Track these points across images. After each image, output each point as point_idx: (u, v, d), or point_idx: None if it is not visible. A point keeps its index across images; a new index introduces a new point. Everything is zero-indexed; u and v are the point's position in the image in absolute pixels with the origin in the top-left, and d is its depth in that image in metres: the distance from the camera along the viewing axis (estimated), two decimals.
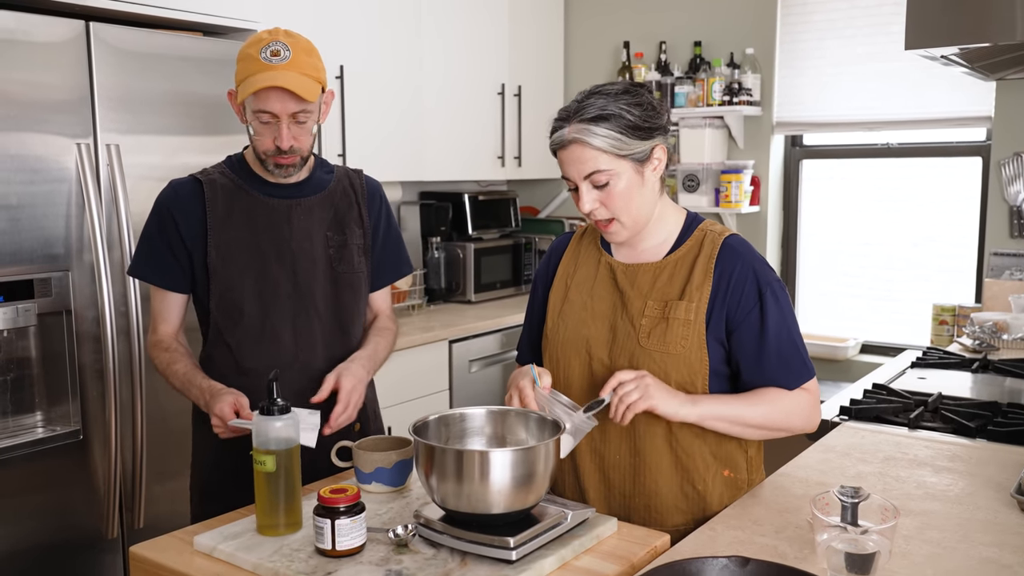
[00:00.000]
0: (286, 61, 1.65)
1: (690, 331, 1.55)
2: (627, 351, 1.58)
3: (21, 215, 2.26)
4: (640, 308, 1.59)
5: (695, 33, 3.97)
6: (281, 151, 1.71)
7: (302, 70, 1.67)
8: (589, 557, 1.36)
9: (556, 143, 1.54)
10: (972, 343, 3.01)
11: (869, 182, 3.78)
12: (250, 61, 1.67)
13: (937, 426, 2.06)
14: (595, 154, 1.50)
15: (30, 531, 2.31)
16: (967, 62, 2.60)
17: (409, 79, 3.55)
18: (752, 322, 1.55)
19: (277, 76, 1.64)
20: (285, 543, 1.39)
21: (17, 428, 2.32)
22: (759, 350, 1.55)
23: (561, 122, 1.54)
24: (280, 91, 1.65)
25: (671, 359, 1.55)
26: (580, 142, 1.50)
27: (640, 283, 1.61)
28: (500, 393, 3.67)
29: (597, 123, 1.49)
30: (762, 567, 1.14)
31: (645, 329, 1.57)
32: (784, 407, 1.56)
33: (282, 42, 1.67)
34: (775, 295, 1.56)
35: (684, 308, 1.55)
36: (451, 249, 3.90)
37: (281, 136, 1.70)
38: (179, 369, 1.78)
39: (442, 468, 1.33)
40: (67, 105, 2.33)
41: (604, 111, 1.50)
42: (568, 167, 1.54)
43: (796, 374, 1.57)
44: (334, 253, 1.84)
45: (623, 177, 1.52)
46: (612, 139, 1.49)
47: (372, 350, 1.88)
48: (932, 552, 1.34)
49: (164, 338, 1.83)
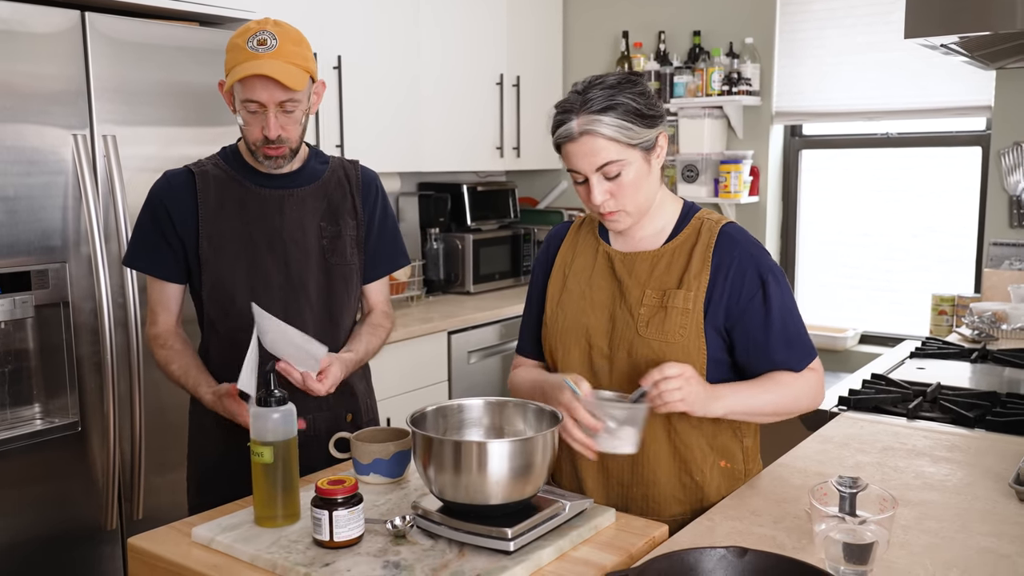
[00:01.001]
0: (272, 50, 1.65)
1: (688, 320, 1.54)
2: (626, 340, 1.58)
3: (18, 207, 2.25)
4: (638, 297, 1.58)
5: (694, 23, 3.95)
6: (269, 141, 1.71)
7: (288, 59, 1.67)
8: (587, 548, 1.36)
9: (563, 137, 1.51)
10: (971, 333, 3.00)
11: (868, 172, 3.77)
12: (237, 51, 1.67)
13: (936, 416, 2.06)
14: (606, 144, 1.48)
15: (29, 523, 2.31)
16: (967, 51, 2.59)
17: (407, 69, 3.54)
18: (756, 308, 1.55)
19: (263, 64, 1.64)
20: (283, 534, 1.39)
21: (15, 420, 2.32)
22: (766, 335, 1.56)
23: (566, 115, 1.51)
24: (266, 80, 1.65)
25: (669, 348, 1.54)
26: (591, 133, 1.48)
27: (638, 272, 1.60)
28: (499, 384, 3.67)
29: (606, 113, 1.47)
30: (760, 557, 1.14)
31: (644, 318, 1.57)
32: (795, 391, 1.57)
33: (269, 31, 1.67)
34: (776, 280, 1.57)
35: (683, 297, 1.55)
36: (450, 240, 3.89)
37: (268, 125, 1.69)
38: (175, 369, 1.78)
39: (440, 459, 1.33)
40: (63, 96, 2.32)
41: (611, 101, 1.48)
42: (578, 160, 1.51)
43: (802, 356, 1.59)
44: (327, 244, 1.84)
45: (633, 166, 1.51)
46: (622, 128, 1.48)
47: (363, 353, 1.87)
48: (930, 542, 1.34)
49: (163, 332, 1.82)
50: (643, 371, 1.53)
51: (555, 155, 1.57)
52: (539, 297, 1.73)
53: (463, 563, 1.28)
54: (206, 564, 1.34)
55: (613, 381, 1.59)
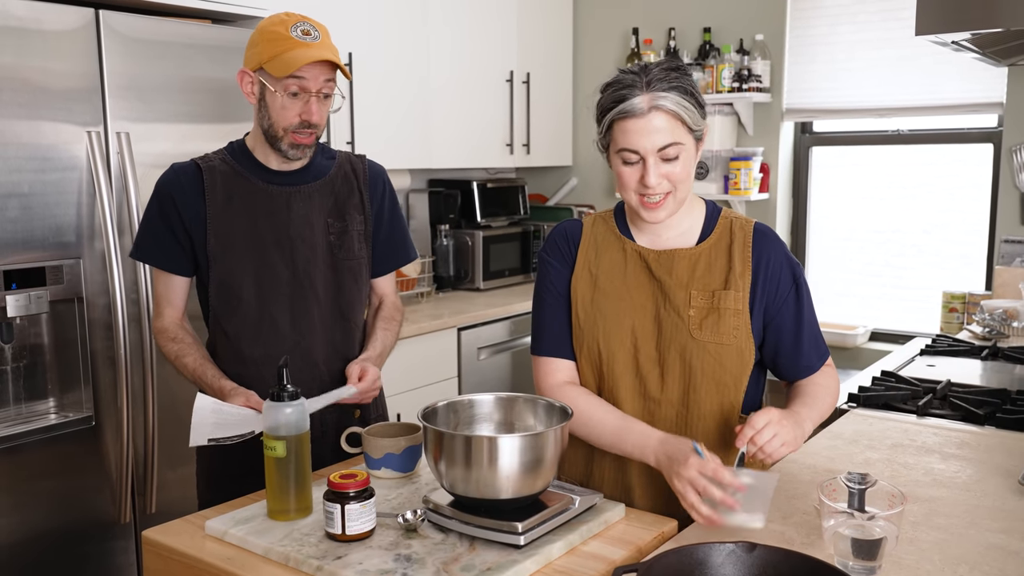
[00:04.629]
0: (319, 40, 1.72)
1: (740, 321, 1.53)
2: (677, 343, 1.54)
3: (33, 203, 2.27)
4: (684, 298, 1.54)
5: (704, 19, 3.94)
6: (308, 125, 1.74)
7: (332, 49, 1.74)
8: (597, 542, 1.37)
9: (625, 112, 1.45)
10: (982, 330, 3.00)
11: (879, 169, 3.76)
12: (281, 40, 1.69)
13: (945, 413, 2.06)
14: (674, 124, 1.45)
15: (43, 516, 2.34)
16: (979, 48, 2.58)
17: (417, 66, 3.55)
18: (790, 306, 1.57)
19: (320, 51, 1.69)
20: (295, 528, 1.41)
21: (30, 414, 2.35)
22: (797, 334, 1.57)
23: (629, 90, 1.45)
24: (317, 65, 1.70)
25: (725, 350, 1.53)
26: (660, 110, 1.44)
27: (678, 272, 1.56)
28: (508, 380, 3.68)
29: (674, 92, 1.44)
30: (769, 552, 1.15)
31: (695, 320, 1.53)
32: (831, 398, 1.60)
33: (309, 23, 1.73)
34: (803, 278, 1.59)
35: (732, 297, 1.53)
36: (460, 237, 3.90)
37: (311, 110, 1.73)
38: (189, 363, 1.79)
39: (451, 454, 1.34)
40: (77, 93, 2.34)
41: (677, 82, 1.45)
42: (640, 137, 1.45)
43: (822, 353, 1.62)
44: (334, 240, 1.85)
45: (687, 152, 1.49)
46: (687, 110, 1.46)
47: (381, 348, 1.89)
48: (939, 538, 1.35)
49: (170, 326, 1.83)
50: (697, 375, 1.53)
51: (565, 152, 1.56)
52: (563, 294, 1.64)
53: (474, 557, 1.29)
54: (220, 556, 1.35)
55: (665, 386, 1.56)
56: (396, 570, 1.25)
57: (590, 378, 1.62)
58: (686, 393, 1.55)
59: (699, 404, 1.55)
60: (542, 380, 1.64)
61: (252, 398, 1.66)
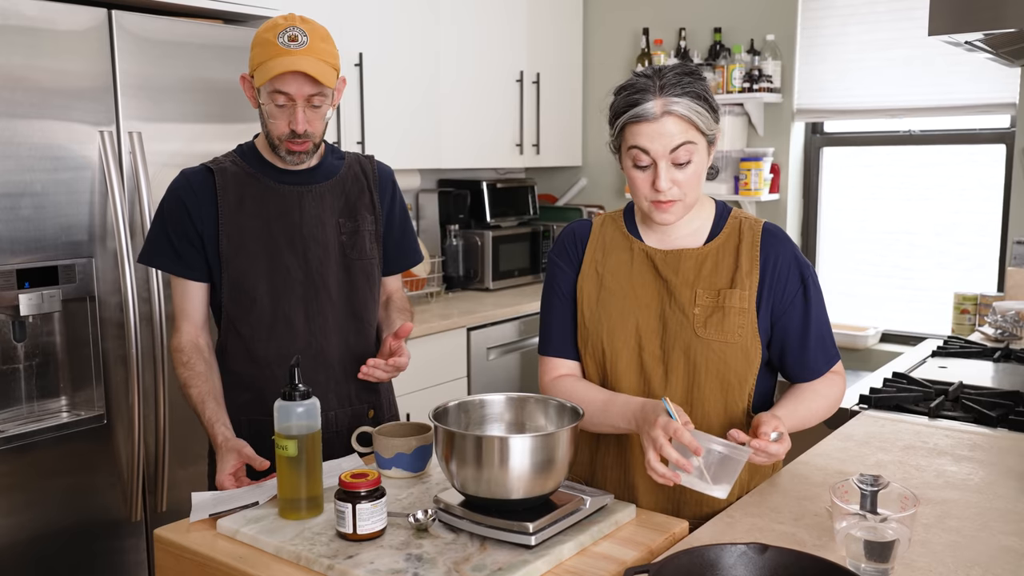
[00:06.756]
0: (304, 46, 1.67)
1: (746, 320, 1.53)
2: (681, 341, 1.55)
3: (45, 202, 2.28)
4: (689, 297, 1.55)
5: (715, 19, 3.94)
6: (296, 135, 1.72)
7: (319, 55, 1.69)
8: (608, 543, 1.37)
9: (637, 116, 1.46)
10: (994, 332, 2.98)
11: (891, 169, 3.74)
12: (267, 46, 1.68)
13: (957, 415, 2.05)
14: (686, 128, 1.46)
15: (55, 514, 2.35)
16: (991, 48, 2.57)
17: (427, 66, 3.55)
18: (797, 306, 1.56)
19: (296, 61, 1.65)
20: (307, 527, 1.41)
21: (42, 413, 2.36)
22: (804, 334, 1.57)
23: (641, 94, 1.46)
24: (298, 75, 1.67)
25: (730, 348, 1.53)
26: (673, 114, 1.45)
27: (684, 271, 1.57)
28: (518, 380, 3.68)
29: (686, 96, 1.45)
30: (780, 554, 1.14)
31: (700, 319, 1.54)
32: (824, 403, 1.60)
33: (299, 27, 1.69)
34: (814, 279, 1.58)
35: (738, 296, 1.53)
36: (469, 237, 3.90)
37: (296, 120, 1.70)
38: (193, 394, 1.76)
39: (462, 454, 1.34)
40: (90, 93, 2.35)
41: (690, 87, 1.46)
42: (652, 141, 1.46)
43: (830, 356, 1.61)
44: (346, 240, 1.85)
45: (699, 156, 1.49)
46: (700, 114, 1.46)
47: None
48: (951, 540, 1.34)
49: (186, 347, 1.79)
50: (701, 373, 1.53)
51: (575, 152, 1.56)
52: (568, 295, 1.65)
53: (484, 557, 1.29)
54: (231, 555, 1.35)
55: (669, 384, 1.56)
56: (407, 570, 1.26)
57: (595, 376, 1.63)
58: (690, 391, 1.56)
59: (703, 402, 1.55)
60: (543, 378, 1.68)
61: (244, 451, 1.64)
